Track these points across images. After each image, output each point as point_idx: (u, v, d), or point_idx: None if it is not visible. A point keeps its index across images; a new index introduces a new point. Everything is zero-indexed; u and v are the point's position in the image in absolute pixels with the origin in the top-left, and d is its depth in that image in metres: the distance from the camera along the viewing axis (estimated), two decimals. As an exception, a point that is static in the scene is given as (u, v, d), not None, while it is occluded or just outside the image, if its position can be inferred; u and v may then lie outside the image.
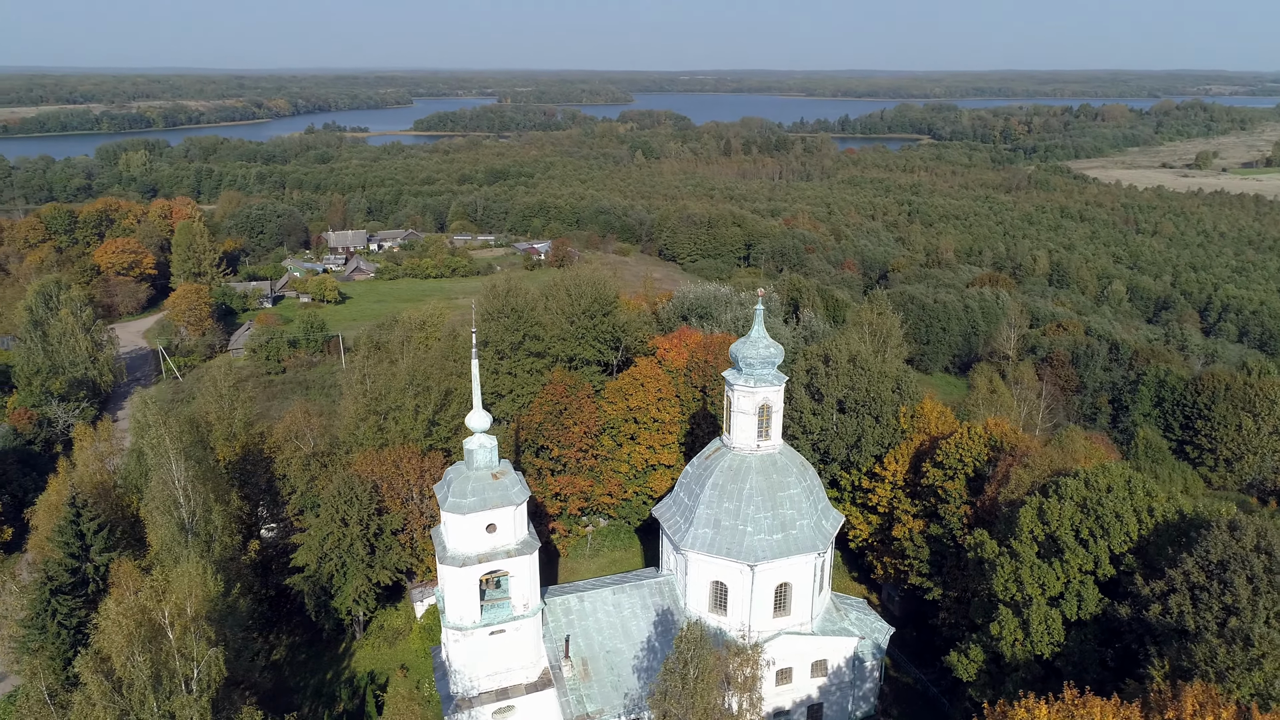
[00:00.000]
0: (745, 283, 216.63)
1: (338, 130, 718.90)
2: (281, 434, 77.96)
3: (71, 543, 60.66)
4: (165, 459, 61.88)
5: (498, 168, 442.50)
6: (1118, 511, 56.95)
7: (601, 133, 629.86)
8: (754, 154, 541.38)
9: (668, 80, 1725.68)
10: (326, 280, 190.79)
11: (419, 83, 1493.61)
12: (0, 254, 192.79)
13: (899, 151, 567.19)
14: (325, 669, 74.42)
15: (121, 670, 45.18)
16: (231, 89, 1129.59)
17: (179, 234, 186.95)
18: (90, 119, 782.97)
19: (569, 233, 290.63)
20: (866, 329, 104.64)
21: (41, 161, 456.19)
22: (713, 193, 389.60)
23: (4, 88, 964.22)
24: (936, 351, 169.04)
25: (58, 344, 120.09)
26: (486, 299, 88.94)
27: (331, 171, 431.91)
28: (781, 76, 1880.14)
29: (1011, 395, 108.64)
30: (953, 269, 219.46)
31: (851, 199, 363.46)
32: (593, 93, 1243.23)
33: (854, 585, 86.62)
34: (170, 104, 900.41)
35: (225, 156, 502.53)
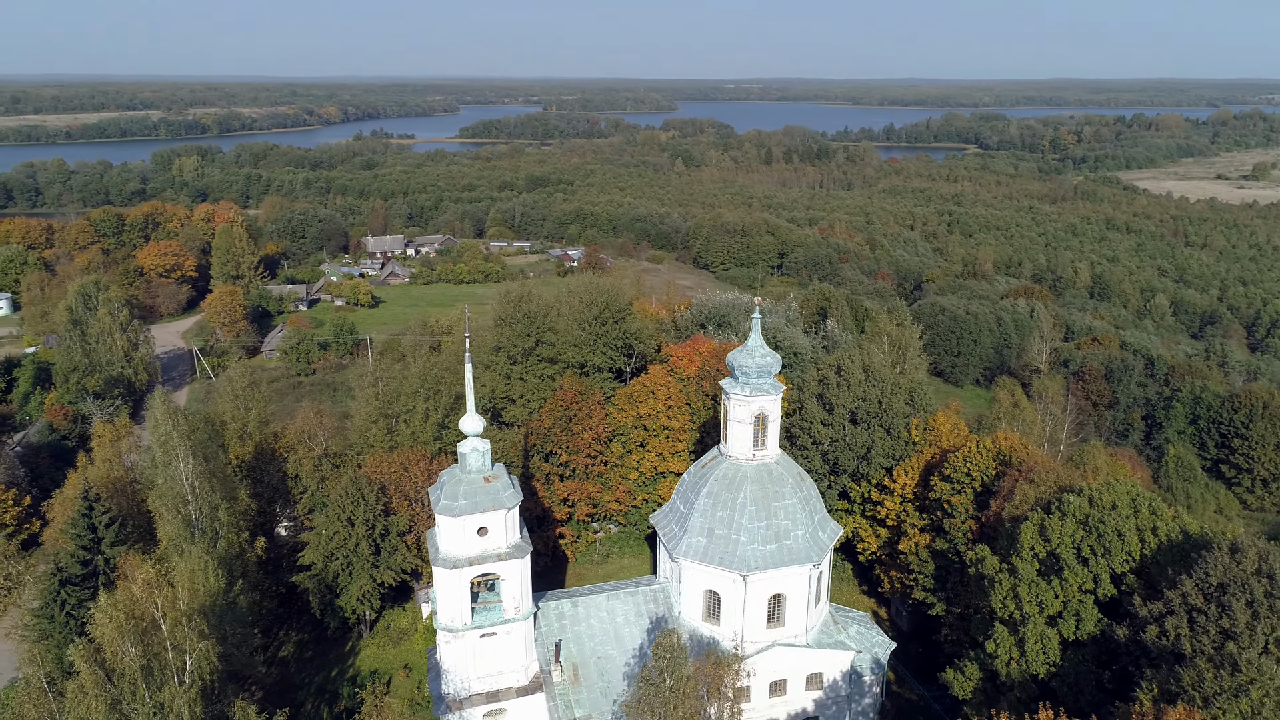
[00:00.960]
0: (776, 292, 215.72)
1: (385, 137, 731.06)
2: (294, 435, 79.46)
3: (83, 535, 62.50)
4: (174, 456, 63.47)
5: (538, 175, 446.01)
6: (1120, 530, 55.68)
7: (643, 140, 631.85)
8: (795, 162, 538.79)
9: (712, 89, 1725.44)
10: (360, 284, 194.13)
11: (466, 90, 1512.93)
12: (51, 255, 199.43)
13: (943, 161, 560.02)
14: (330, 666, 75.58)
15: (113, 660, 46.45)
16: (285, 96, 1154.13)
17: (219, 237, 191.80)
18: (149, 125, 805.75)
19: (604, 240, 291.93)
20: (885, 340, 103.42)
21: (99, 166, 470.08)
22: (751, 201, 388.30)
23: (69, 95, 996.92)
24: (967, 364, 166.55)
25: (95, 343, 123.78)
26: (500, 304, 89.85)
27: (376, 177, 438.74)
28: (827, 85, 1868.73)
29: (1035, 410, 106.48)
30: (989, 280, 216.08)
31: (891, 208, 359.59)
32: (637, 101, 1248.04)
33: (863, 599, 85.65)
34: (225, 111, 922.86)
35: (274, 162, 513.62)
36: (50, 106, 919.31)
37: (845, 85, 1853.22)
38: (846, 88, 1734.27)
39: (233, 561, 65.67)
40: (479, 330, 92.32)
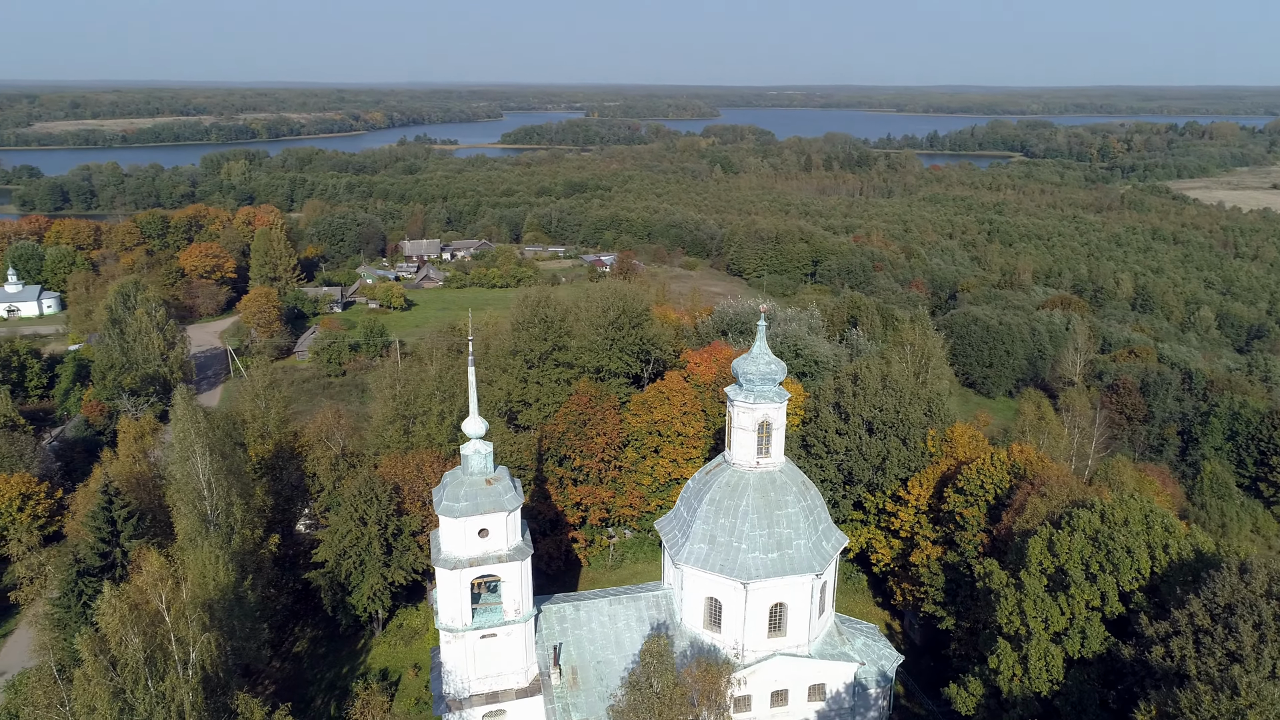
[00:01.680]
0: (809, 299, 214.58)
1: (428, 142, 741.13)
2: (312, 434, 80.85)
3: (102, 528, 64.24)
4: (191, 452, 64.98)
5: (576, 180, 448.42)
6: (1129, 546, 54.50)
7: (682, 147, 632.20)
8: (835, 170, 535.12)
9: (755, 96, 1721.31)
10: (394, 287, 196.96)
11: (510, 97, 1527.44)
12: (99, 255, 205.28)
13: (987, 169, 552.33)
14: (342, 664, 76.66)
15: (117, 649, 47.65)
16: (333, 102, 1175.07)
17: (257, 240, 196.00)
18: (201, 130, 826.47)
19: (638, 245, 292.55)
20: (908, 349, 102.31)
21: (151, 169, 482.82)
22: (788, 208, 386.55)
23: (126, 100, 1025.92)
24: (999, 375, 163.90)
25: (133, 341, 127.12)
26: (518, 308, 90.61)
27: (417, 182, 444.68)
28: (871, 92, 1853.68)
29: (1061, 423, 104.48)
30: (1026, 290, 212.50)
31: (930, 217, 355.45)
32: (679, 108, 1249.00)
33: (877, 610, 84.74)
34: (274, 116, 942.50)
35: (319, 167, 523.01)
36: (108, 111, 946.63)
37: (890, 92, 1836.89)
38: (891, 95, 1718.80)
39: (246, 557, 66.94)
40: (498, 334, 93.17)
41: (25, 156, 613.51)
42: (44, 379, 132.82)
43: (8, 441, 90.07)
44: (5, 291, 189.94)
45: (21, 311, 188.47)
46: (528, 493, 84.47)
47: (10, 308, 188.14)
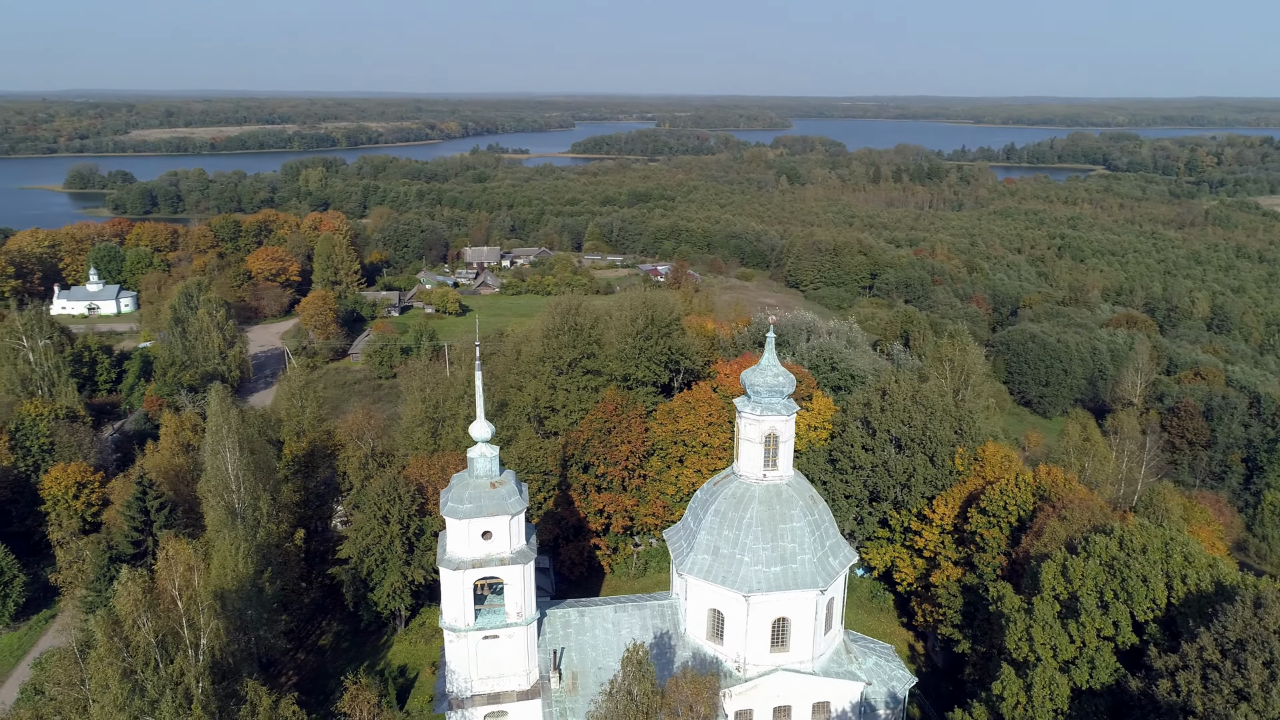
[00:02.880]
0: (865, 313, 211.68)
1: (499, 151, 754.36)
2: (343, 434, 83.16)
3: (135, 517, 67.29)
4: (221, 447, 67.61)
5: (641, 190, 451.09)
6: (1145, 575, 52.56)
7: (749, 158, 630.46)
8: (904, 182, 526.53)
9: (828, 106, 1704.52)
10: (449, 293, 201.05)
11: (582, 107, 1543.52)
12: (174, 257, 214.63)
13: (1064, 182, 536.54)
14: (364, 658, 78.48)
15: (129, 631, 49.88)
16: (410, 112, 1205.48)
17: (320, 245, 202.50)
18: (284, 138, 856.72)
19: (696, 256, 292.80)
20: (947, 365, 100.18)
21: (235, 176, 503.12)
22: (852, 220, 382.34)
23: (215, 109, 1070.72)
24: (1056, 394, 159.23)
25: (194, 340, 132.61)
26: (549, 316, 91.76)
27: (484, 190, 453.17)
28: (948, 103, 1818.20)
29: (1109, 445, 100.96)
30: (1091, 307, 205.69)
31: (999, 231, 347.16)
32: (750, 118, 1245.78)
33: (901, 630, 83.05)
34: (354, 125, 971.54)
35: (392, 174, 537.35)
36: (199, 120, 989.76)
37: (968, 103, 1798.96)
38: (969, 106, 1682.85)
39: (270, 550, 69.24)
40: (529, 340, 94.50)
41: (121, 163, 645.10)
42: (113, 374, 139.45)
43: (67, 432, 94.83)
44: (86, 290, 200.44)
45: (101, 309, 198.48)
46: (551, 498, 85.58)
47: (91, 305, 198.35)
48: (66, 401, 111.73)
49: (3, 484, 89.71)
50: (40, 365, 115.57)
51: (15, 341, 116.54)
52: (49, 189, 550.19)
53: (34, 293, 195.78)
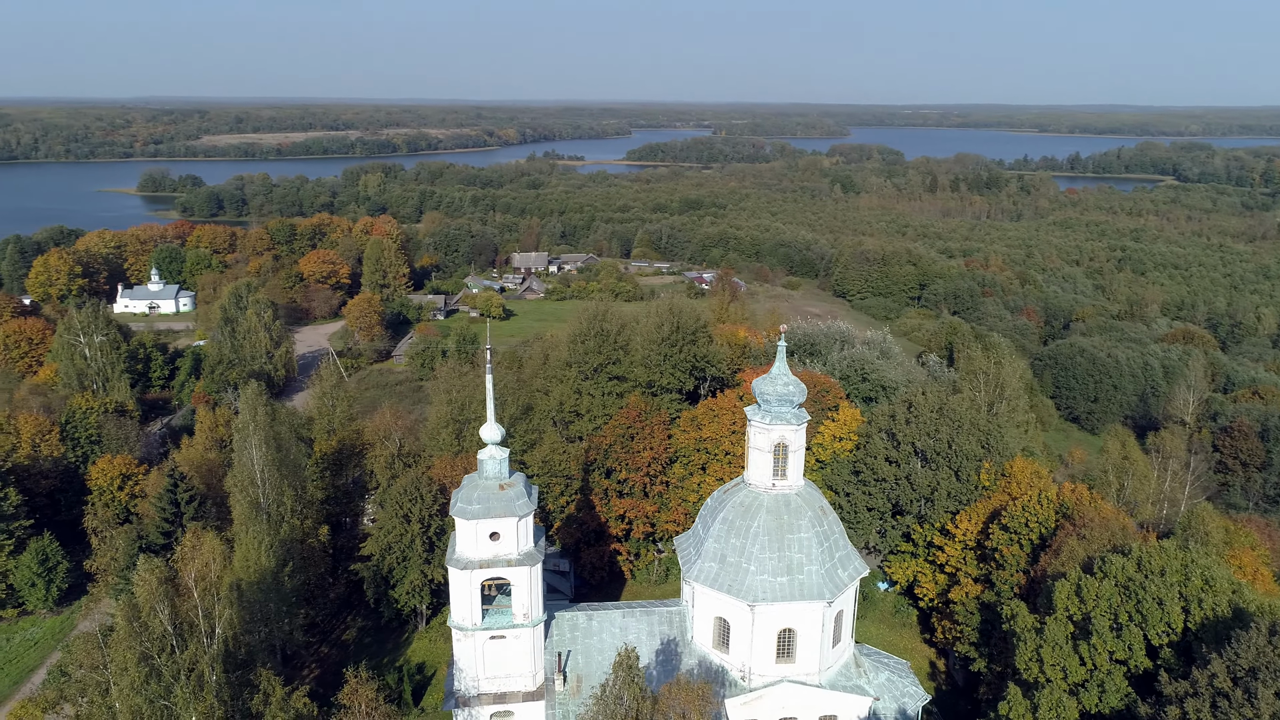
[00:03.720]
0: (911, 324, 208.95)
1: (555, 158, 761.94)
2: (371, 433, 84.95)
3: (166, 508, 69.71)
4: (248, 443, 69.66)
5: (693, 198, 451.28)
6: (1160, 598, 51.01)
7: (804, 166, 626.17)
8: (961, 191, 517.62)
9: (888, 114, 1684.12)
10: (494, 297, 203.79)
11: (640, 114, 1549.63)
12: (232, 259, 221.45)
13: (1129, 193, 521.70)
14: (385, 654, 79.95)
15: (147, 617, 51.72)
16: (470, 119, 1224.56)
17: (369, 249, 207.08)
18: (347, 144, 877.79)
19: (745, 264, 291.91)
20: (981, 378, 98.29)
21: (297, 180, 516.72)
22: (906, 230, 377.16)
23: (283, 116, 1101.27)
24: (1106, 410, 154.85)
25: (242, 339, 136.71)
26: (576, 321, 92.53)
27: (538, 196, 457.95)
28: (1013, 111, 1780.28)
29: (1149, 464, 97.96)
30: (1148, 322, 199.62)
31: (1057, 242, 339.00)
32: (808, 126, 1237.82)
33: (922, 647, 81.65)
34: (415, 132, 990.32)
35: (449, 181, 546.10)
36: (267, 126, 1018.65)
37: (1033, 111, 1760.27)
38: (1034, 114, 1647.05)
39: (293, 545, 71.06)
40: (556, 345, 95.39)
41: (192, 167, 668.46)
42: (166, 370, 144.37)
43: (115, 426, 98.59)
44: (148, 289, 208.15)
45: (161, 308, 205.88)
46: (573, 503, 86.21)
47: (151, 304, 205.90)
48: (119, 396, 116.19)
49: (53, 474, 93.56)
50: (95, 361, 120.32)
51: (73, 338, 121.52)
52: (124, 192, 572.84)
53: (99, 291, 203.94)
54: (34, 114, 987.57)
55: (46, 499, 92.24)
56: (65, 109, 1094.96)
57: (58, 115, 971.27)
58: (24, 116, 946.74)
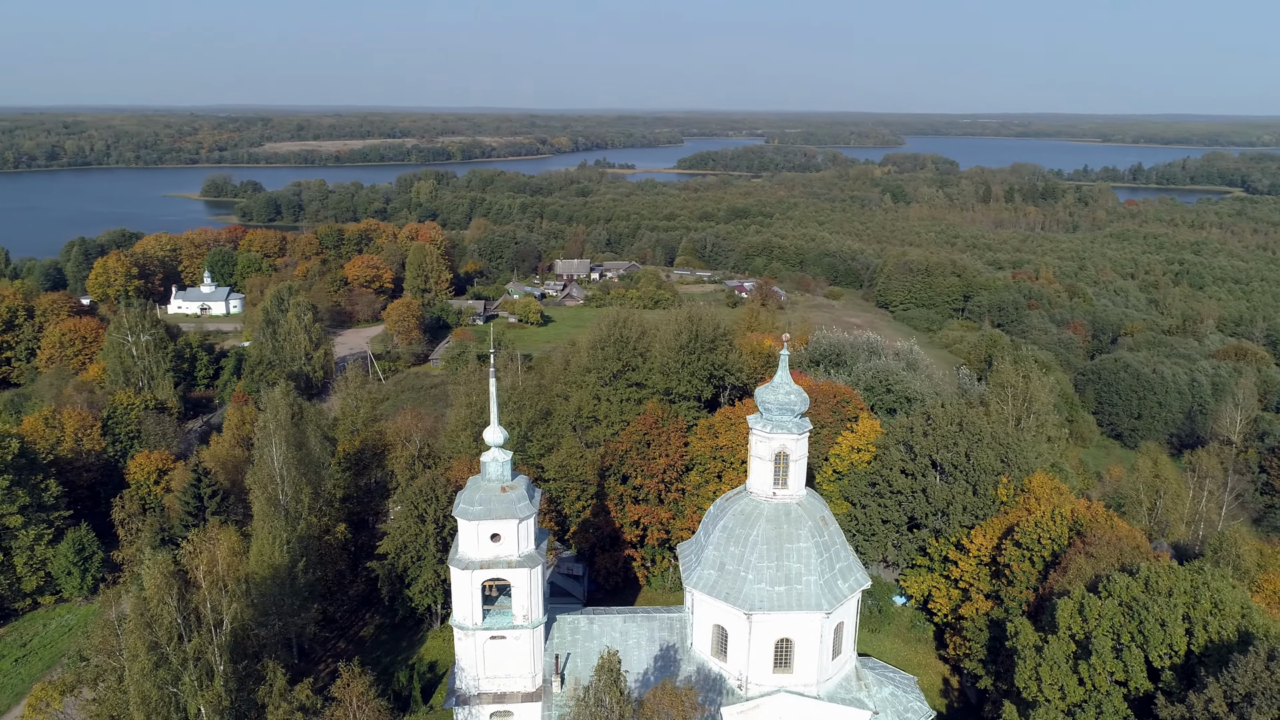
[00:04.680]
0: (952, 336, 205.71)
1: (606, 166, 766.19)
2: (393, 435, 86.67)
3: (190, 502, 72.12)
4: (268, 441, 71.74)
5: (740, 206, 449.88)
6: (1163, 619, 49.75)
7: (855, 175, 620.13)
8: (1016, 202, 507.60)
9: (945, 123, 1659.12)
10: (532, 303, 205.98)
11: (693, 123, 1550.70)
12: (281, 262, 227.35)
13: (1193, 205, 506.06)
14: (400, 651, 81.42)
15: (156, 609, 53.67)
16: (524, 127, 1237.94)
17: (412, 254, 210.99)
18: (403, 151, 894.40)
19: (789, 273, 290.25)
20: (1008, 392, 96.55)
21: (352, 187, 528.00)
22: (955, 240, 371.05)
23: (343, 124, 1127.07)
24: (1149, 427, 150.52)
25: (283, 341, 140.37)
26: (596, 328, 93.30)
27: (585, 204, 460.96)
28: (1075, 121, 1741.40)
29: (1183, 483, 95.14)
30: (1200, 338, 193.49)
31: (1112, 254, 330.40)
32: (862, 135, 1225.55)
33: (937, 663, 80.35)
34: (469, 140, 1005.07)
35: (499, 188, 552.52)
36: (327, 133, 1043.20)
37: (1096, 120, 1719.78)
38: (1097, 123, 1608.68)
39: (310, 542, 72.87)
40: (577, 351, 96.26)
41: (253, 173, 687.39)
42: (210, 370, 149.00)
43: (154, 422, 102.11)
44: (200, 291, 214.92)
45: (212, 310, 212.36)
46: (589, 508, 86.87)
47: (203, 306, 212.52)
48: (162, 394, 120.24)
49: (93, 467, 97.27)
50: (142, 359, 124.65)
51: (122, 337, 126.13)
52: (188, 197, 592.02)
53: (154, 293, 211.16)
54: (108, 121, 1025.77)
55: (87, 491, 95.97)
56: (137, 116, 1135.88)
57: (129, 123, 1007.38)
58: (98, 124, 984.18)
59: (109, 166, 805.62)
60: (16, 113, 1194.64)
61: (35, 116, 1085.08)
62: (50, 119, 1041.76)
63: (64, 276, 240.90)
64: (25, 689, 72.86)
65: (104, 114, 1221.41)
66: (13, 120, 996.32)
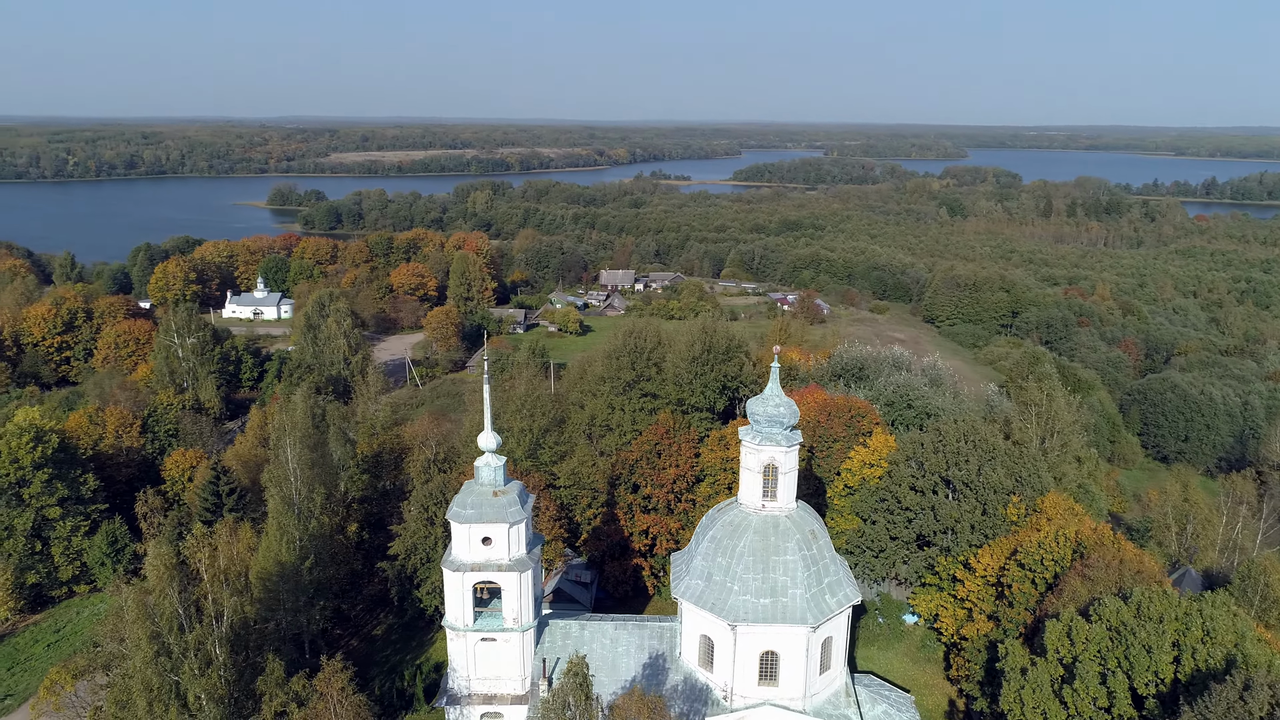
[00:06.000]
0: (997, 353, 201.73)
1: (662, 178, 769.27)
2: (409, 438, 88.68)
3: (208, 498, 74.81)
4: (283, 442, 74.14)
5: (792, 219, 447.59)
6: (1149, 645, 48.49)
7: (912, 189, 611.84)
8: (1078, 216, 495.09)
9: (1010, 136, 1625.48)
10: (571, 313, 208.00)
11: (752, 135, 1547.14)
12: (333, 270, 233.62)
13: (1268, 220, 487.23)
14: (410, 651, 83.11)
15: (157, 600, 56.01)
16: (582, 139, 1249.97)
17: (455, 263, 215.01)
18: (463, 162, 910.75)
19: (836, 286, 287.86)
20: (1032, 411, 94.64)
21: (411, 196, 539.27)
22: (1011, 255, 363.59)
23: (406, 135, 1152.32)
24: (1197, 451, 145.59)
25: (323, 345, 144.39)
26: (613, 338, 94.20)
27: (637, 215, 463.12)
28: (1147, 133, 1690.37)
29: (1214, 508, 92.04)
30: (1259, 359, 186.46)
31: (1176, 271, 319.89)
32: (923, 148, 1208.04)
33: (943, 684, 78.90)
34: (528, 151, 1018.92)
35: (554, 199, 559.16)
36: (390, 144, 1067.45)
37: (1170, 133, 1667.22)
38: (1171, 136, 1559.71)
39: (321, 541, 74.98)
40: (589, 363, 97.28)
41: (318, 183, 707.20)
42: (255, 373, 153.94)
43: (191, 422, 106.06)
44: (254, 297, 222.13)
45: (264, 314, 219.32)
46: (599, 516, 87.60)
47: (256, 310, 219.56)
48: (205, 395, 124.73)
49: (132, 463, 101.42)
50: (187, 360, 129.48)
51: (169, 339, 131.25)
52: (255, 205, 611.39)
53: (211, 297, 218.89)
54: (183, 132, 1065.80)
55: (125, 486, 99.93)
56: (211, 127, 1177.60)
57: (204, 133, 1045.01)
58: (175, 134, 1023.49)
59: (183, 176, 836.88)
60: (99, 124, 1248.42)
61: (116, 127, 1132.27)
62: (130, 130, 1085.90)
63: (130, 280, 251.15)
64: (52, 673, 76.41)
65: (180, 125, 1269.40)
66: (95, 130, 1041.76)
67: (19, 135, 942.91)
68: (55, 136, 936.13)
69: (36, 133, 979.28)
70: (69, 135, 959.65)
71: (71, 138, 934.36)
